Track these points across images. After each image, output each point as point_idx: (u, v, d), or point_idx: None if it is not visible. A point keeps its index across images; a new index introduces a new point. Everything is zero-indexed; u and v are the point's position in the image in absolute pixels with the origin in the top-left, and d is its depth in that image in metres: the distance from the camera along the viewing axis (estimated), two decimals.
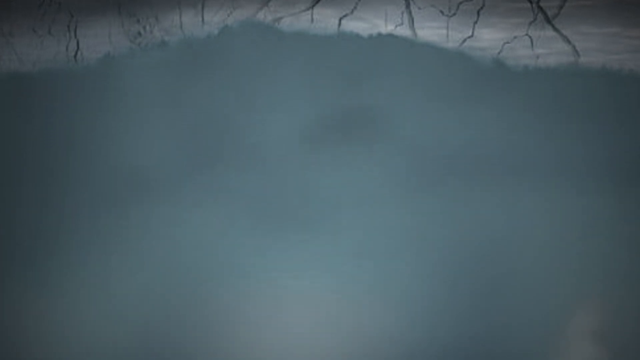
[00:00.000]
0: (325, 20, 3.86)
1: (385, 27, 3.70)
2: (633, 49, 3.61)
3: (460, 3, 3.53)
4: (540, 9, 3.52)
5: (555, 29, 3.53)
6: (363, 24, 3.74)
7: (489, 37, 3.70)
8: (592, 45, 3.65)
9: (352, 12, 3.71)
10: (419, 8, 3.62)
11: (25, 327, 3.31)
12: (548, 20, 3.51)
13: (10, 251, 3.53)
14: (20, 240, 3.68)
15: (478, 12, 3.53)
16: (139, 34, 3.76)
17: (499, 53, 3.63)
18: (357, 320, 3.75)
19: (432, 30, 3.71)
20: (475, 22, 3.58)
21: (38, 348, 3.62)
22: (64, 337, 3.79)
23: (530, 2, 3.55)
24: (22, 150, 3.93)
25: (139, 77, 3.71)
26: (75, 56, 3.71)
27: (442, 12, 3.57)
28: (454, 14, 3.59)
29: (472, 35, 3.62)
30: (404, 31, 3.69)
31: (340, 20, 3.80)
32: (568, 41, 3.51)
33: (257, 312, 3.82)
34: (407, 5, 3.63)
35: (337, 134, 4.11)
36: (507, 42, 3.59)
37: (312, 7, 3.81)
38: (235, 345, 3.73)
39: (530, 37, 3.53)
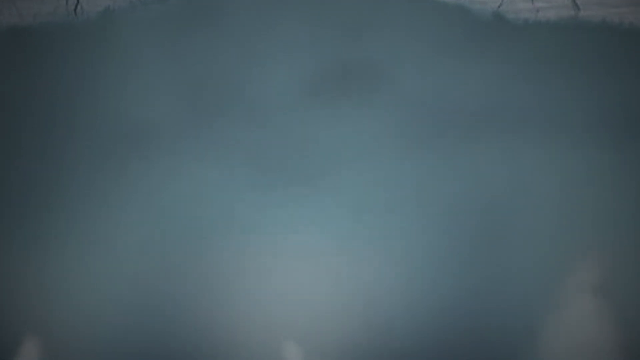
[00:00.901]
0: None
1: None
2: (633, 2, 3.60)
3: None
4: None
5: None
6: None
7: None
8: None
9: None
10: None
11: (24, 281, 3.34)
12: None
13: (8, 205, 3.54)
14: (18, 194, 3.70)
15: None
16: None
17: (499, 6, 3.63)
18: (356, 274, 3.78)
19: None
20: None
21: (36, 302, 3.64)
22: (63, 291, 3.82)
23: None
24: (21, 105, 3.93)
25: (139, 30, 3.70)
26: (75, 10, 3.70)
27: None
28: None
29: None
30: None
31: None
32: None
33: (256, 267, 3.85)
34: None
35: (338, 88, 4.10)
36: None
37: None
38: (234, 298, 3.76)
39: None
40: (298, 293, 3.61)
